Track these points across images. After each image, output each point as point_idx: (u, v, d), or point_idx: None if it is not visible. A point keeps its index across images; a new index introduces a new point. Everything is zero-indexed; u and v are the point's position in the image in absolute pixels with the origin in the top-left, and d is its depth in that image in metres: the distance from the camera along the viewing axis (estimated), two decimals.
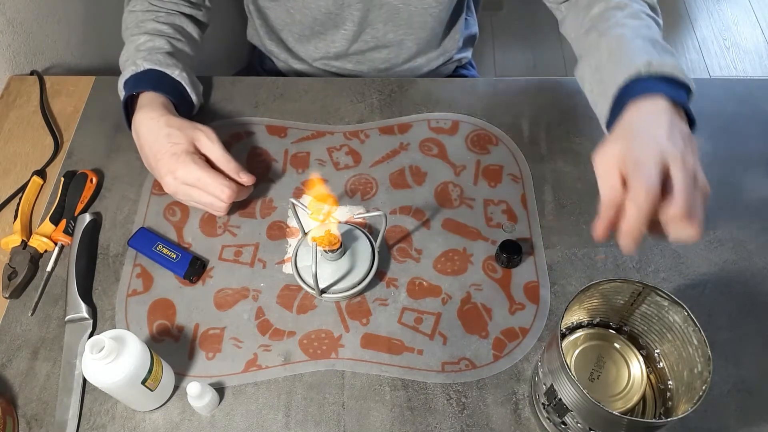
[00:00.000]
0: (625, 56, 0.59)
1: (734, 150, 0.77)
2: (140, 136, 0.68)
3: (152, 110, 0.68)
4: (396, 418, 0.59)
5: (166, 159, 0.65)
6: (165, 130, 0.66)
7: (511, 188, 0.73)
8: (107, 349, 0.50)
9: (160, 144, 0.65)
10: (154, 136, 0.66)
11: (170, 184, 0.66)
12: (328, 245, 0.61)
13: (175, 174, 0.65)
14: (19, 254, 0.67)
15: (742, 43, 2.08)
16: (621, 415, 0.45)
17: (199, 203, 0.67)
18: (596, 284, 0.50)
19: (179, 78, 0.72)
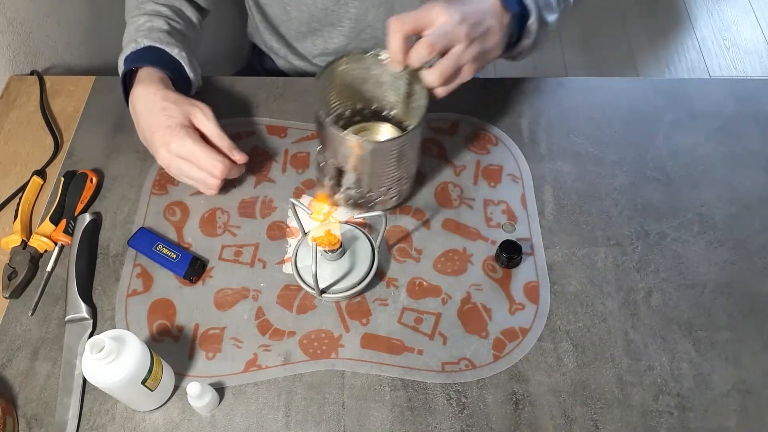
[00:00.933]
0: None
1: (734, 150, 0.77)
2: (136, 110, 0.68)
3: (149, 84, 0.68)
4: (396, 418, 0.59)
5: (161, 131, 0.65)
6: (161, 104, 0.66)
7: (511, 188, 0.73)
8: (107, 349, 0.50)
9: (156, 117, 0.66)
10: (150, 109, 0.67)
11: (164, 157, 0.66)
12: (328, 245, 0.61)
13: (168, 146, 0.65)
14: (19, 254, 0.67)
15: (742, 43, 2.08)
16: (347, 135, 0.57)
17: (191, 178, 0.68)
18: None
19: (178, 57, 0.73)
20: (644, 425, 0.58)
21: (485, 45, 0.61)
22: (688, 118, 0.80)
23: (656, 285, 0.66)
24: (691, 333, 0.63)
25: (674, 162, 0.76)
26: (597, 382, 0.60)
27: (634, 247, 0.69)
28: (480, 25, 0.59)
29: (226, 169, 0.67)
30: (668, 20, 2.17)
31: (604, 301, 0.65)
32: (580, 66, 2.01)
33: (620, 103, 0.81)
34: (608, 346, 0.62)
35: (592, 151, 0.77)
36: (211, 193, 0.70)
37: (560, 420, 0.58)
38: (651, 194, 0.73)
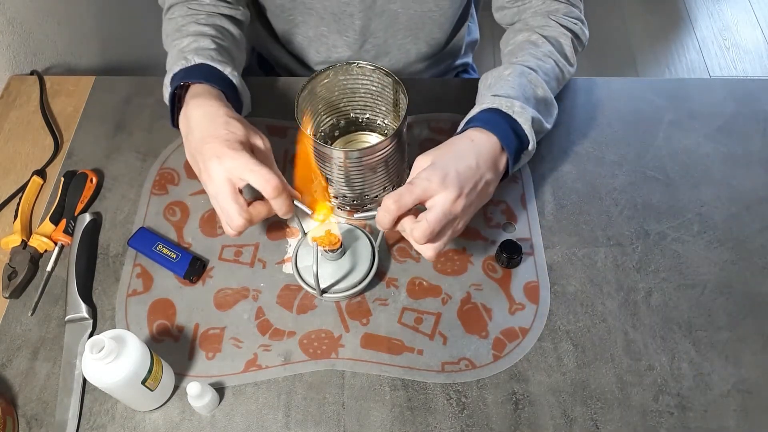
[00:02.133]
0: (501, 89, 0.64)
1: (734, 150, 0.77)
2: (192, 121, 0.60)
3: (210, 98, 0.62)
4: (396, 418, 0.59)
5: (218, 143, 0.57)
6: (224, 118, 0.59)
7: (511, 188, 0.73)
8: (107, 349, 0.50)
9: (216, 128, 0.58)
10: (211, 120, 0.59)
11: (213, 170, 0.57)
12: (328, 245, 0.61)
13: (221, 159, 0.56)
14: (19, 254, 0.67)
15: (742, 43, 2.08)
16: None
17: (222, 208, 0.58)
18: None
19: (230, 76, 0.67)
20: (644, 425, 0.58)
21: (480, 200, 0.60)
22: (688, 118, 0.80)
23: (656, 285, 0.66)
24: (691, 333, 0.63)
25: (674, 162, 0.76)
26: (597, 382, 0.60)
27: (634, 247, 0.69)
28: (476, 188, 0.58)
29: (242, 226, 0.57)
30: (668, 20, 2.17)
31: (604, 301, 0.65)
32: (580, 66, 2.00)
33: (620, 103, 0.81)
34: (608, 346, 0.62)
35: (592, 151, 0.77)
36: (231, 234, 0.60)
37: (560, 420, 0.58)
38: (651, 194, 0.73)
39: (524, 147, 0.64)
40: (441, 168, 0.56)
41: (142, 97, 0.83)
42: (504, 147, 0.61)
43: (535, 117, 0.63)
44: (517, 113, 0.62)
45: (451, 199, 0.55)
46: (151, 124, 0.80)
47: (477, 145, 0.59)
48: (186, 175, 0.75)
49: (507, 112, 0.62)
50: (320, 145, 0.60)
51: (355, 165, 0.61)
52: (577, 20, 0.75)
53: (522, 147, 0.63)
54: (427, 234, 0.54)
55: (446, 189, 0.55)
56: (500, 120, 0.61)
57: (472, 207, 0.58)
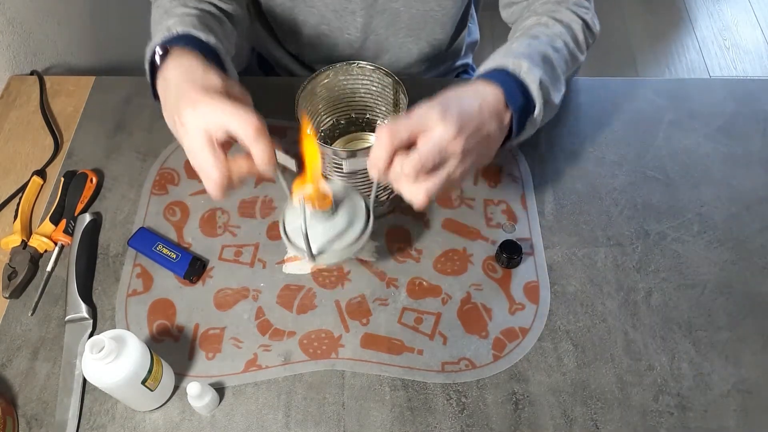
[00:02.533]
0: (510, 53, 0.60)
1: (734, 150, 0.77)
2: (169, 81, 0.55)
3: (189, 58, 0.57)
4: (396, 418, 0.59)
5: (193, 92, 0.52)
6: (201, 70, 0.54)
7: (511, 188, 0.73)
8: (107, 349, 0.50)
9: (193, 80, 0.53)
10: (187, 75, 0.54)
11: (186, 121, 0.52)
12: (318, 203, 0.55)
13: (195, 106, 0.51)
14: (19, 254, 0.67)
15: (742, 44, 2.08)
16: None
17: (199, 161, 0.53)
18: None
19: (215, 47, 0.62)
20: (644, 425, 0.58)
21: (480, 154, 0.54)
22: (688, 118, 0.80)
23: (656, 285, 0.66)
24: (691, 333, 0.63)
25: (674, 162, 0.76)
26: (597, 382, 0.60)
27: (634, 247, 0.69)
28: (477, 134, 0.52)
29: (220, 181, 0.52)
30: (668, 20, 2.17)
31: (604, 301, 0.65)
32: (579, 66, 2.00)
33: (620, 103, 0.81)
34: (608, 346, 0.62)
35: (592, 151, 0.77)
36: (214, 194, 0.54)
37: (560, 420, 0.58)
38: (651, 194, 0.73)
39: (530, 111, 0.59)
40: (441, 104, 0.51)
41: (142, 97, 0.83)
42: (509, 103, 0.56)
43: (543, 79, 0.58)
44: (525, 73, 0.57)
45: (450, 134, 0.50)
46: (151, 124, 0.80)
47: (481, 93, 0.55)
48: (186, 175, 0.75)
49: (514, 71, 0.57)
50: (320, 145, 0.60)
51: (349, 166, 0.60)
52: (588, 10, 0.73)
53: (528, 109, 0.58)
54: (417, 166, 0.49)
55: (445, 124, 0.50)
56: (506, 77, 0.57)
57: (471, 155, 0.52)
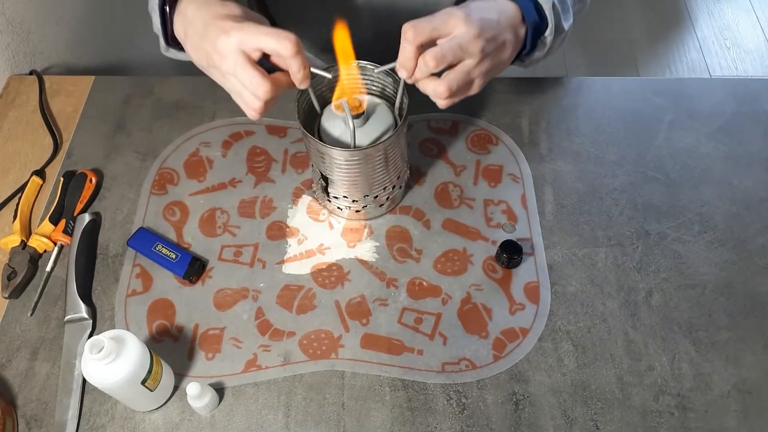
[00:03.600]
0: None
1: (734, 150, 0.76)
2: (188, 16, 0.57)
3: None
4: (396, 419, 0.59)
5: (220, 21, 0.54)
6: (220, 3, 0.56)
7: (511, 188, 0.73)
8: (107, 350, 0.50)
9: (215, 11, 0.55)
10: (207, 7, 0.56)
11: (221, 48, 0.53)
12: (352, 108, 0.60)
13: (229, 33, 0.53)
14: (19, 254, 0.67)
15: (743, 43, 2.07)
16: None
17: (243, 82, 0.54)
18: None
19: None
20: (644, 425, 0.58)
21: (497, 60, 0.59)
22: (688, 118, 0.80)
23: (656, 285, 0.66)
24: (691, 333, 0.63)
25: (674, 162, 0.75)
26: (597, 383, 0.60)
27: (634, 247, 0.69)
28: (495, 40, 0.57)
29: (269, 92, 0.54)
30: (668, 20, 2.17)
31: (604, 301, 0.65)
32: (580, 66, 2.00)
33: (620, 103, 0.81)
34: (608, 347, 0.62)
35: (592, 151, 0.77)
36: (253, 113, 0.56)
37: (560, 420, 0.58)
38: (651, 194, 0.73)
39: (543, 30, 0.63)
40: (463, 9, 0.55)
41: (142, 97, 0.83)
42: (525, 18, 0.60)
43: (555, 3, 0.62)
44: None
45: (471, 34, 0.54)
46: (151, 124, 0.80)
47: (500, 6, 0.59)
48: (186, 175, 0.75)
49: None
50: (320, 144, 0.60)
51: (356, 164, 0.61)
52: None
53: (541, 28, 0.62)
54: (438, 56, 0.53)
55: (467, 25, 0.54)
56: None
57: (489, 58, 0.57)
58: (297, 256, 0.68)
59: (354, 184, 0.64)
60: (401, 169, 0.68)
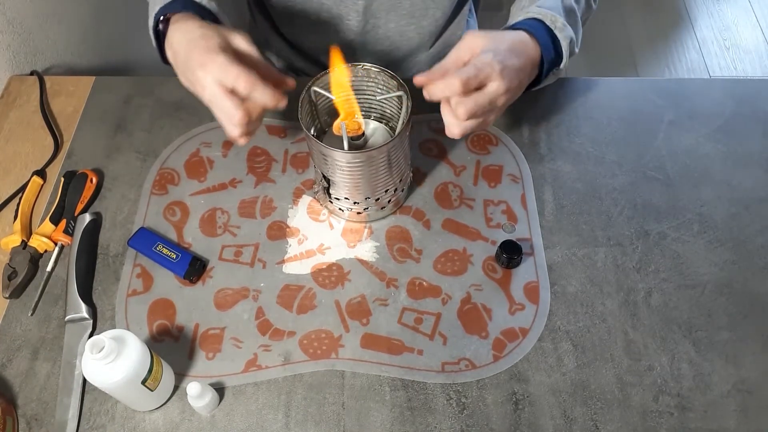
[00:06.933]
0: (544, 2, 0.68)
1: (734, 150, 0.77)
2: (174, 44, 0.62)
3: (187, 20, 0.62)
4: (396, 419, 0.59)
5: (198, 54, 0.58)
6: (199, 31, 0.60)
7: (510, 188, 0.73)
8: (107, 349, 0.50)
9: (195, 42, 0.60)
10: (188, 37, 0.60)
11: (200, 80, 0.58)
12: (351, 130, 0.63)
13: (205, 67, 0.57)
14: (19, 254, 0.67)
15: (742, 44, 2.08)
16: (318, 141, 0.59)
17: (220, 110, 0.58)
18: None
19: (209, 6, 0.67)
20: (644, 425, 0.58)
21: (512, 101, 0.63)
22: (688, 118, 0.80)
23: (656, 285, 0.66)
24: (691, 333, 0.63)
25: (674, 162, 0.76)
26: (597, 383, 0.60)
27: (634, 247, 0.69)
28: (519, 88, 0.61)
29: (242, 119, 0.57)
30: (668, 20, 2.17)
31: (604, 301, 0.65)
32: (580, 66, 2.01)
33: (620, 103, 0.81)
34: (608, 347, 0.62)
35: (592, 151, 0.77)
36: (235, 139, 0.60)
37: (560, 420, 0.58)
38: (651, 194, 0.73)
39: (557, 63, 0.67)
40: (501, 58, 0.59)
41: (142, 97, 0.83)
42: (544, 58, 0.64)
43: (572, 39, 0.67)
44: (559, 30, 0.65)
45: (502, 90, 0.58)
46: (151, 124, 0.80)
47: (526, 48, 0.63)
48: (186, 175, 0.75)
49: (550, 26, 0.65)
50: (323, 147, 0.60)
51: (359, 167, 0.61)
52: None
53: (556, 64, 0.67)
54: (470, 112, 0.57)
55: (501, 80, 0.58)
56: (545, 33, 0.65)
57: (505, 107, 0.62)
58: (297, 256, 0.69)
59: (356, 186, 0.64)
60: (404, 171, 0.68)
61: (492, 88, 0.58)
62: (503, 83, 0.58)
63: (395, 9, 0.84)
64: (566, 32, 0.66)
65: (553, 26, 0.65)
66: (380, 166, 0.62)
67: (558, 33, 0.65)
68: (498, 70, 0.57)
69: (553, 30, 0.65)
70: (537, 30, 0.64)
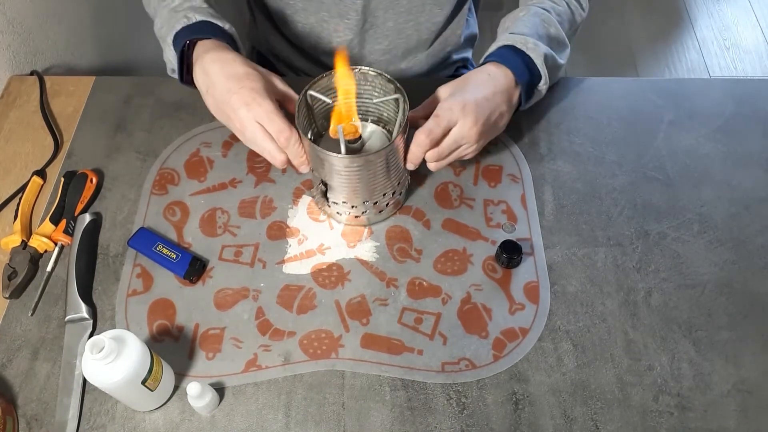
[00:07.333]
0: (516, 28, 0.71)
1: (734, 150, 0.77)
2: (212, 75, 0.63)
3: (223, 51, 0.64)
4: (396, 418, 0.59)
5: (244, 92, 0.60)
6: (243, 69, 0.62)
7: (510, 188, 0.73)
8: (107, 349, 0.50)
9: (238, 79, 0.61)
10: (231, 72, 0.62)
11: (243, 118, 0.60)
12: (348, 134, 0.63)
13: (249, 106, 0.60)
14: (19, 254, 0.67)
15: (742, 44, 2.08)
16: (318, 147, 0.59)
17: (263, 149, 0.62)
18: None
19: (230, 31, 0.69)
20: (644, 425, 0.58)
21: (493, 132, 0.66)
22: (688, 118, 0.80)
23: (656, 285, 0.66)
24: (691, 333, 0.63)
25: (674, 162, 0.76)
26: (597, 382, 0.60)
27: (634, 247, 0.69)
28: (490, 119, 0.64)
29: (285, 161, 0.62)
30: (668, 20, 2.17)
31: (604, 301, 0.65)
32: (579, 65, 2.01)
33: (620, 103, 0.81)
34: (608, 346, 0.62)
35: (592, 151, 0.77)
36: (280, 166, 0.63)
37: (560, 420, 0.58)
38: (651, 194, 0.73)
39: (536, 82, 0.69)
40: (461, 97, 0.62)
41: (142, 97, 0.83)
42: (518, 81, 0.66)
43: (547, 53, 0.69)
44: (531, 49, 0.67)
45: (468, 125, 0.61)
46: (151, 124, 0.80)
47: (493, 78, 0.66)
48: (186, 175, 0.75)
49: (521, 48, 0.67)
50: (320, 151, 0.60)
51: (356, 170, 0.61)
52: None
53: (534, 82, 0.69)
54: (436, 157, 0.63)
55: (465, 117, 0.61)
56: (514, 56, 0.67)
57: (485, 135, 0.65)
58: (297, 256, 0.69)
59: (354, 190, 0.64)
60: (402, 174, 0.68)
61: (456, 130, 0.62)
62: (468, 119, 0.61)
63: (393, 7, 0.84)
64: (539, 50, 0.68)
65: (524, 47, 0.67)
66: (378, 169, 0.62)
67: (530, 52, 0.67)
68: (458, 109, 0.61)
69: (525, 51, 0.67)
70: (503, 56, 0.67)
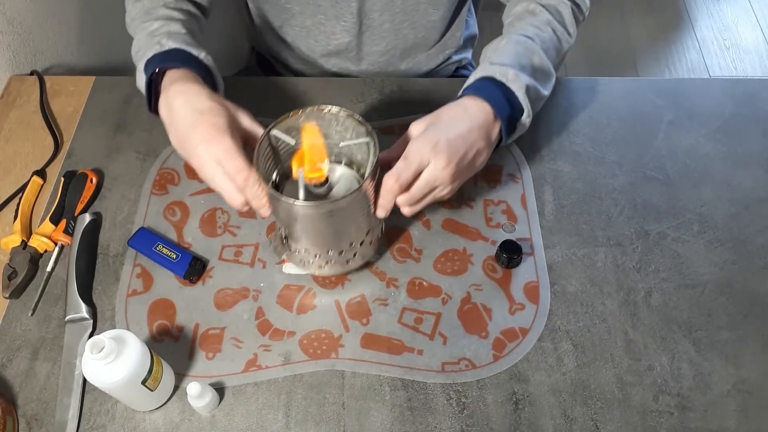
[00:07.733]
0: (497, 58, 0.66)
1: (734, 150, 0.77)
2: (174, 108, 0.60)
3: (190, 83, 0.61)
4: (396, 418, 0.59)
5: (204, 128, 0.57)
6: (207, 103, 0.59)
7: (510, 188, 0.73)
8: (107, 349, 0.50)
9: (201, 114, 0.58)
10: (194, 106, 0.59)
11: (201, 155, 0.57)
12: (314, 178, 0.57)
13: (209, 144, 0.56)
14: (19, 254, 0.67)
15: (742, 43, 2.08)
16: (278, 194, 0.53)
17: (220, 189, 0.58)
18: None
19: (205, 60, 0.67)
20: (644, 425, 0.58)
21: (470, 171, 0.61)
22: (688, 118, 0.80)
23: (656, 285, 0.66)
24: (691, 333, 0.63)
25: (674, 162, 0.76)
26: (597, 382, 0.60)
27: (634, 247, 0.69)
28: (465, 158, 0.59)
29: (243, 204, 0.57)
30: (668, 20, 2.17)
31: (604, 301, 0.65)
32: (579, 66, 2.01)
33: (620, 103, 0.81)
34: (608, 346, 0.62)
35: (592, 151, 0.77)
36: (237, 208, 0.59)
37: (560, 420, 0.58)
38: (651, 194, 0.73)
39: (518, 116, 0.64)
40: (432, 136, 0.57)
41: (142, 97, 0.82)
42: (497, 115, 0.61)
43: (530, 85, 0.63)
44: (511, 81, 0.62)
45: (440, 166, 0.56)
46: (151, 124, 0.80)
47: (469, 113, 0.60)
48: (186, 176, 0.75)
49: (500, 80, 0.62)
50: (275, 195, 0.53)
51: (317, 218, 0.55)
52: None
53: (515, 116, 0.63)
54: (407, 201, 0.58)
55: (437, 157, 0.56)
56: (493, 88, 0.62)
57: (461, 176, 0.60)
58: None
59: (315, 239, 0.59)
60: (373, 223, 0.62)
61: (427, 172, 0.57)
62: (440, 160, 0.56)
63: (388, 8, 0.84)
64: (520, 81, 0.62)
65: (504, 78, 0.62)
66: (343, 217, 0.57)
67: (510, 84, 0.62)
68: (428, 150, 0.56)
69: (505, 83, 0.62)
70: (481, 89, 0.62)
